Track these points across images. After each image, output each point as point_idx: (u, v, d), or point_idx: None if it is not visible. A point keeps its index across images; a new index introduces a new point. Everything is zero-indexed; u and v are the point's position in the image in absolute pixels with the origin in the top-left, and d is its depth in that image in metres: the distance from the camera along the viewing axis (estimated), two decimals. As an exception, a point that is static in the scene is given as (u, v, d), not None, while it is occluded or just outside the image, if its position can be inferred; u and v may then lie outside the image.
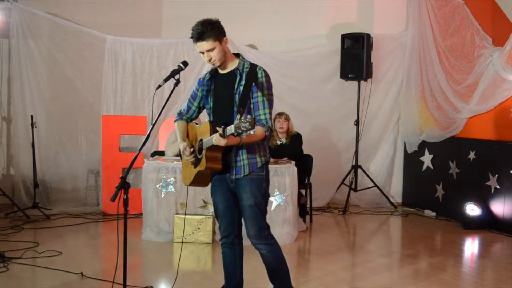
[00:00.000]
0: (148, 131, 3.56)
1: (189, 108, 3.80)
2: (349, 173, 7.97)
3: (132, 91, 7.65)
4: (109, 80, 7.55)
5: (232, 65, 3.56)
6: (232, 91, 3.49)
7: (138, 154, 3.50)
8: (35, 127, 7.01)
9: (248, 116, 3.08)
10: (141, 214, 6.16)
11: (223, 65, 3.54)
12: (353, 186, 7.91)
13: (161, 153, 6.86)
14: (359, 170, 7.93)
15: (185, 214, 5.80)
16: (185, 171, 3.77)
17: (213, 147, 3.40)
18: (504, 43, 6.56)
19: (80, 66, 7.50)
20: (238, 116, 3.15)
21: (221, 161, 3.47)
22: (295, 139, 6.86)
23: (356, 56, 7.77)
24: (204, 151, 3.47)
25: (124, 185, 3.23)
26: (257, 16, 7.98)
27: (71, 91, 7.50)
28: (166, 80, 3.56)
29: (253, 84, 3.45)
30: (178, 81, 3.55)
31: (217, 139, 3.28)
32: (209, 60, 3.48)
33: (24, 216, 6.68)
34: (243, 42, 7.82)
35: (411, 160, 8.12)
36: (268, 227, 3.61)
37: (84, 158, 7.54)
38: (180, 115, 3.84)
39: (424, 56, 7.79)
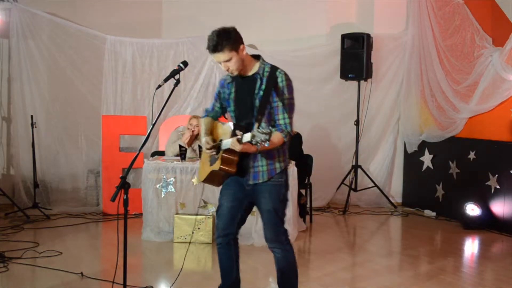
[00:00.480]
0: (148, 131, 3.56)
1: (213, 107, 3.76)
2: (349, 173, 7.97)
3: (132, 91, 7.65)
4: (109, 80, 7.55)
5: (253, 69, 3.51)
6: (253, 96, 3.45)
7: (138, 154, 3.50)
8: (35, 127, 7.01)
9: (265, 127, 3.07)
10: (141, 214, 6.16)
11: (242, 72, 3.49)
12: (353, 186, 7.91)
13: (161, 153, 6.86)
14: (359, 170, 7.93)
15: (196, 214, 5.81)
16: (202, 167, 3.77)
17: (230, 150, 3.39)
18: (504, 43, 6.56)
19: (80, 66, 7.50)
20: (256, 125, 3.14)
21: (236, 165, 3.44)
22: (295, 139, 6.85)
23: (356, 56, 7.77)
24: (221, 152, 3.46)
25: (124, 185, 3.23)
26: (257, 16, 7.98)
27: (71, 91, 7.50)
28: (166, 80, 3.56)
29: (273, 89, 3.41)
30: (178, 81, 3.54)
31: (233, 144, 3.28)
32: (227, 70, 3.45)
33: (24, 216, 6.68)
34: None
35: (411, 160, 8.12)
36: (285, 231, 3.60)
37: (84, 158, 7.54)
38: (206, 112, 3.81)
39: (424, 56, 7.78)
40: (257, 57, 3.57)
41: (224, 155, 3.42)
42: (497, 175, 6.61)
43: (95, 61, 7.56)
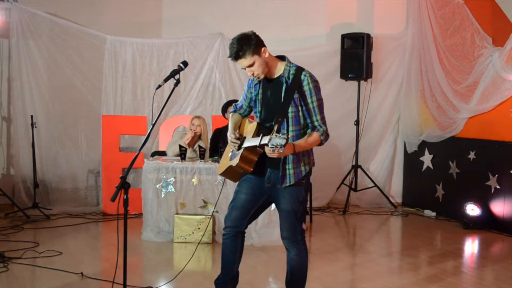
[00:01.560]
0: (148, 131, 3.56)
1: (241, 105, 3.78)
2: (349, 173, 7.97)
3: (132, 91, 7.65)
4: (109, 80, 7.55)
5: (278, 71, 3.49)
6: (279, 99, 3.44)
7: (138, 154, 3.50)
8: (35, 127, 7.01)
9: (283, 133, 3.09)
10: (141, 214, 6.16)
11: (268, 74, 3.48)
12: (353, 186, 7.91)
13: (161, 153, 6.85)
14: (359, 170, 7.93)
15: (213, 213, 5.80)
16: (223, 161, 3.77)
17: (252, 149, 3.39)
18: (504, 43, 6.56)
19: (80, 66, 7.50)
20: (275, 128, 3.16)
21: (254, 165, 3.44)
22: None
23: (356, 56, 7.77)
24: (242, 150, 3.45)
25: (124, 185, 3.23)
26: (257, 16, 7.98)
27: (71, 91, 7.50)
28: (166, 80, 3.56)
29: (297, 93, 3.41)
30: (178, 81, 3.54)
31: (268, 152, 3.21)
32: (251, 75, 3.45)
33: (24, 216, 6.68)
34: (243, 42, 7.81)
35: (411, 160, 8.12)
36: (302, 232, 3.63)
37: (84, 158, 7.53)
38: (235, 108, 3.82)
39: (424, 56, 7.79)
40: (282, 58, 3.55)
41: (244, 153, 3.43)
42: (497, 175, 6.61)
43: (95, 61, 7.55)
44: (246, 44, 3.36)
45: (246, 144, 3.42)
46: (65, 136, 7.50)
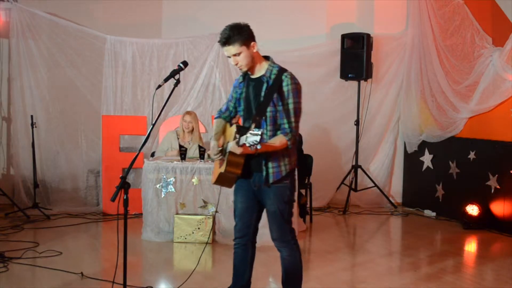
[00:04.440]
0: (148, 131, 3.56)
1: (227, 108, 3.78)
2: (349, 173, 7.97)
3: (132, 91, 7.65)
4: (109, 80, 7.55)
5: (261, 70, 3.53)
6: (259, 98, 3.47)
7: (138, 154, 3.50)
8: (35, 127, 7.01)
9: (256, 129, 3.09)
10: (141, 214, 6.16)
11: (251, 69, 3.51)
12: (353, 186, 7.90)
13: (161, 153, 6.86)
14: (359, 170, 7.93)
15: (215, 213, 5.80)
16: (215, 169, 3.79)
17: (235, 153, 3.41)
18: (504, 43, 6.55)
19: (80, 66, 7.50)
20: (252, 126, 3.17)
21: (242, 167, 3.46)
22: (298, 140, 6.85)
23: (356, 56, 7.76)
24: (227, 155, 3.47)
25: (124, 185, 3.24)
26: (257, 16, 7.96)
27: (71, 91, 7.50)
28: (166, 80, 3.56)
29: (276, 92, 3.42)
30: (178, 81, 3.55)
31: (233, 147, 3.30)
32: (236, 64, 3.46)
33: (24, 216, 6.68)
34: (243, 42, 7.81)
35: (411, 160, 8.12)
36: (292, 231, 3.62)
37: (84, 158, 7.54)
38: (219, 113, 3.82)
39: (424, 56, 7.78)
40: (267, 58, 3.58)
41: (229, 158, 3.44)
42: (497, 175, 6.61)
43: (95, 61, 7.55)
44: (238, 33, 3.40)
45: (229, 148, 3.43)
46: (65, 136, 7.50)
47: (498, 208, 6.61)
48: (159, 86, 3.57)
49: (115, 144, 7.21)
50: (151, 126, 3.55)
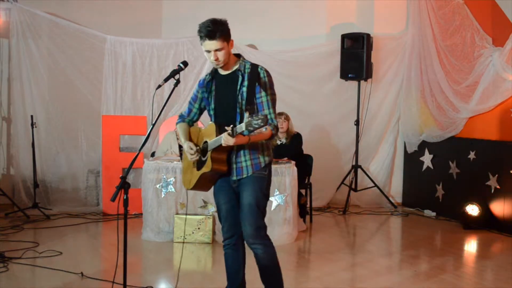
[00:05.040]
0: (148, 131, 3.56)
1: (190, 110, 3.78)
2: (349, 173, 7.97)
3: (132, 91, 7.65)
4: (109, 80, 7.55)
5: (233, 66, 3.55)
6: (235, 92, 3.48)
7: (138, 154, 3.50)
8: (35, 127, 7.01)
9: (260, 113, 3.09)
10: (141, 214, 6.16)
11: (225, 66, 3.53)
12: (353, 186, 7.90)
13: (161, 153, 6.86)
14: (359, 170, 7.93)
15: (186, 214, 5.81)
16: (186, 175, 3.75)
17: (218, 149, 3.40)
18: (504, 43, 6.55)
19: (80, 66, 7.50)
20: (247, 114, 3.16)
21: (226, 163, 3.46)
22: (295, 139, 6.86)
23: (356, 56, 7.76)
24: (209, 153, 3.46)
25: (124, 185, 3.23)
26: (257, 16, 7.98)
27: (71, 91, 7.50)
28: (166, 80, 3.56)
29: (257, 84, 3.45)
30: (178, 81, 3.54)
31: (226, 139, 3.27)
32: (215, 60, 3.46)
33: (24, 216, 6.68)
34: (243, 42, 7.82)
35: (411, 160, 8.12)
36: (265, 227, 3.57)
37: (84, 158, 7.54)
38: (181, 117, 3.82)
39: (424, 56, 7.78)
40: (237, 55, 3.61)
41: (213, 155, 3.43)
42: (497, 175, 6.61)
43: (95, 61, 7.56)
44: (221, 29, 3.42)
45: (214, 145, 3.41)
46: (65, 136, 7.50)
47: (498, 208, 6.60)
48: (159, 86, 3.57)
49: (115, 144, 7.21)
50: (151, 126, 3.55)
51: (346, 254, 5.74)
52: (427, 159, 7.74)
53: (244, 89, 3.45)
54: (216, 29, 3.38)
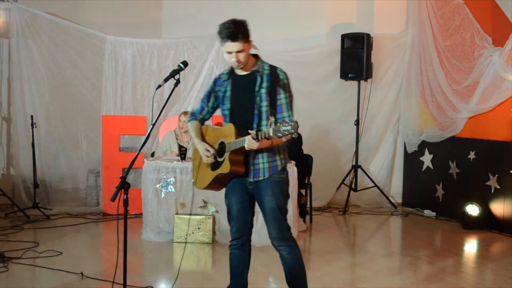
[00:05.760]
0: (148, 131, 3.56)
1: (202, 108, 3.74)
2: (349, 173, 7.97)
3: (132, 91, 7.65)
4: (109, 80, 7.55)
5: (251, 67, 3.53)
6: (253, 93, 3.46)
7: (138, 154, 3.50)
8: (35, 127, 7.01)
9: (288, 119, 3.11)
10: (141, 214, 6.16)
11: (244, 67, 3.51)
12: (353, 186, 7.90)
13: (161, 153, 6.86)
14: (359, 170, 7.93)
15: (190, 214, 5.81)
16: (199, 173, 3.71)
17: (236, 150, 3.39)
18: (504, 43, 6.55)
19: (80, 66, 7.50)
20: (273, 119, 3.18)
21: (244, 164, 3.46)
22: (295, 139, 6.85)
23: (356, 56, 7.76)
24: (227, 154, 3.44)
25: (124, 185, 3.23)
26: (257, 16, 7.96)
27: (71, 91, 7.50)
28: (166, 80, 3.56)
29: (277, 86, 3.44)
30: (178, 81, 3.54)
31: (250, 142, 3.27)
32: (236, 61, 3.44)
33: (24, 216, 6.68)
34: (243, 42, 7.82)
35: (411, 160, 8.12)
36: (289, 228, 3.59)
37: (84, 158, 7.54)
38: (193, 115, 3.78)
39: (424, 56, 7.78)
40: (255, 56, 3.59)
41: (231, 156, 3.42)
42: (497, 175, 6.61)
43: (95, 61, 7.55)
44: (243, 30, 3.42)
45: (234, 147, 3.40)
46: (65, 136, 7.50)
47: (498, 208, 6.60)
48: (159, 86, 3.57)
49: (115, 144, 7.21)
50: (151, 126, 3.55)
51: (346, 254, 5.74)
52: (427, 159, 7.74)
53: (263, 90, 3.44)
54: (238, 31, 3.37)
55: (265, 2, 8.06)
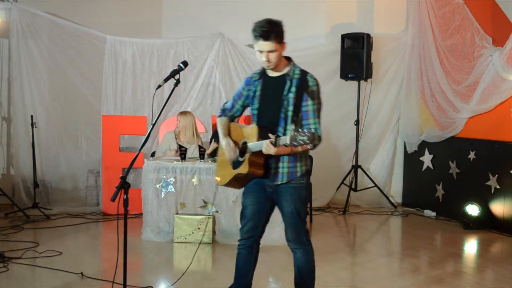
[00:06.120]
0: (148, 131, 3.56)
1: (233, 106, 3.74)
2: (349, 173, 7.97)
3: (132, 91, 7.65)
4: (109, 80, 7.54)
5: (283, 69, 3.51)
6: (281, 96, 3.45)
7: (138, 154, 3.50)
8: (35, 127, 7.01)
9: (305, 130, 3.09)
10: (141, 214, 6.16)
11: (275, 68, 3.49)
12: (353, 186, 7.90)
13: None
14: (359, 170, 7.93)
15: (211, 214, 5.80)
16: (222, 170, 3.74)
17: (257, 153, 3.40)
18: (504, 43, 6.56)
19: (80, 66, 7.50)
20: (293, 127, 3.15)
21: (263, 168, 3.46)
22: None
23: (356, 56, 7.77)
24: (247, 155, 3.46)
25: (124, 185, 3.23)
26: (257, 16, 7.92)
27: (71, 91, 7.50)
28: (166, 80, 3.56)
29: (304, 92, 3.42)
30: (178, 81, 3.54)
31: (267, 147, 3.28)
32: (266, 61, 3.43)
33: (24, 216, 6.68)
34: (243, 42, 7.82)
35: (411, 160, 8.12)
36: (307, 232, 3.62)
37: (84, 158, 7.53)
38: (223, 111, 3.79)
39: (424, 56, 7.79)
40: (288, 59, 3.56)
41: (251, 158, 3.43)
42: (497, 175, 6.61)
43: (95, 61, 7.55)
44: (277, 30, 3.39)
45: (254, 149, 3.42)
46: (65, 136, 7.50)
47: (498, 208, 6.61)
48: (159, 86, 3.56)
49: (115, 144, 7.21)
50: (151, 126, 3.55)
51: (346, 254, 5.74)
52: (427, 159, 7.75)
53: (291, 95, 3.42)
54: (271, 30, 3.35)
55: (265, 2, 8.06)
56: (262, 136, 3.38)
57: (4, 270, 4.69)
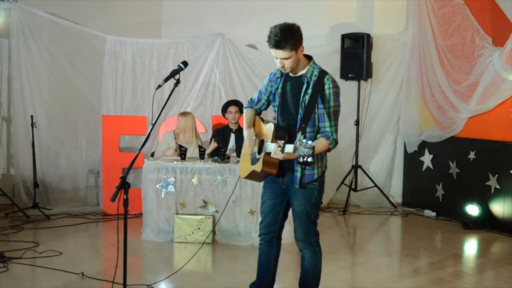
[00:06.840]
0: (148, 131, 3.56)
1: (259, 99, 3.77)
2: (349, 173, 7.97)
3: (132, 91, 7.65)
4: (109, 80, 7.54)
5: (302, 70, 3.51)
6: (298, 97, 3.46)
7: (138, 154, 3.50)
8: (35, 127, 7.01)
9: (309, 143, 3.09)
10: (141, 214, 6.16)
11: (293, 70, 3.50)
12: (353, 186, 7.90)
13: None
14: (359, 170, 7.93)
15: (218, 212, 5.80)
16: (243, 164, 3.79)
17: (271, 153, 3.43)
18: (504, 43, 6.56)
19: (80, 66, 7.50)
20: (299, 136, 3.16)
21: (277, 167, 3.48)
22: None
23: (356, 56, 7.76)
24: (263, 154, 3.49)
25: (124, 185, 3.23)
26: (257, 16, 7.98)
27: (71, 91, 7.49)
28: (166, 80, 3.56)
29: (319, 96, 3.41)
30: (178, 81, 3.55)
31: (276, 152, 3.31)
32: (282, 66, 3.45)
33: (24, 216, 6.68)
34: (243, 42, 7.83)
35: (411, 160, 8.12)
36: (317, 233, 3.64)
37: (84, 158, 7.53)
38: (250, 103, 3.81)
39: (424, 56, 7.79)
40: (309, 58, 3.56)
41: (266, 158, 3.46)
42: (497, 175, 6.61)
43: (95, 61, 7.55)
44: (289, 38, 3.38)
45: (268, 150, 3.46)
46: (65, 136, 7.50)
47: (498, 208, 6.61)
48: (159, 86, 3.57)
49: (115, 144, 7.21)
50: (151, 126, 3.55)
51: (346, 254, 5.74)
52: (427, 159, 7.75)
53: (307, 97, 3.42)
54: (283, 39, 3.35)
55: (265, 2, 8.06)
56: (277, 136, 3.42)
57: (4, 270, 4.70)
